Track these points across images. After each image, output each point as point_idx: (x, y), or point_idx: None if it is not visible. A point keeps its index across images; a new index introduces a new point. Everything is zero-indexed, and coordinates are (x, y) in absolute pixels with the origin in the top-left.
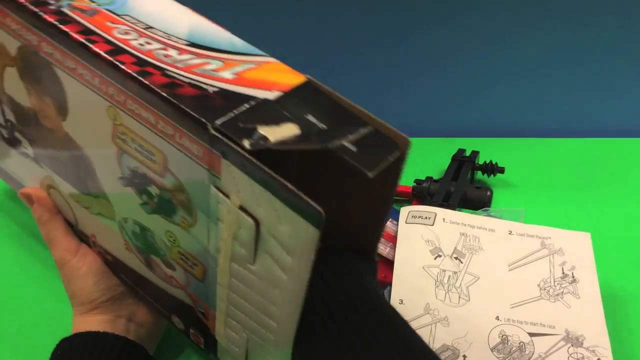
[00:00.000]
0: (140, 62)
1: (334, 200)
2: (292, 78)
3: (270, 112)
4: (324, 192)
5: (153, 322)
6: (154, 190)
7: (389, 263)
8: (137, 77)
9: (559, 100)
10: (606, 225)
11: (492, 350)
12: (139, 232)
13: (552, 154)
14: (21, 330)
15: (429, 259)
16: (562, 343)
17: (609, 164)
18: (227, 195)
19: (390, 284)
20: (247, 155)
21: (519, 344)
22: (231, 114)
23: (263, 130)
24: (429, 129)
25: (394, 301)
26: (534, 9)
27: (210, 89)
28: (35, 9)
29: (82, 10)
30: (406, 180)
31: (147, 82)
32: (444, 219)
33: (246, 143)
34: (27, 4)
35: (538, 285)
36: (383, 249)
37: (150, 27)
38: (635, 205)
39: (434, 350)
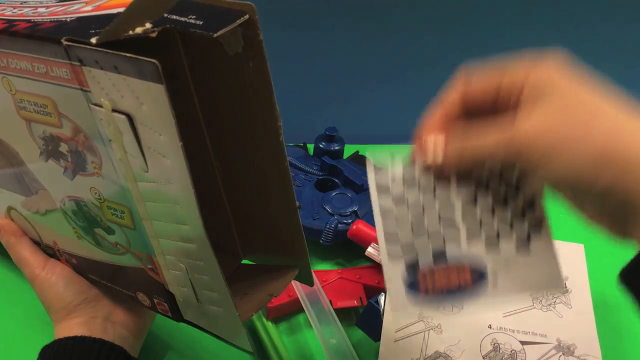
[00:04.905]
0: (9, 21)
1: None
2: None
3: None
4: None
5: (133, 321)
6: (64, 148)
7: None
8: (5, 30)
9: None
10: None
11: (484, 358)
12: (76, 208)
13: None
14: (16, 334)
15: None
16: (554, 352)
17: None
18: (101, 106)
19: (384, 291)
20: (95, 48)
21: (511, 352)
22: (83, 29)
23: (111, 26)
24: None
25: (388, 308)
26: (527, 16)
27: (68, 19)
28: None
29: None
30: None
31: (12, 31)
32: None
33: (93, 39)
34: None
35: (531, 294)
36: (377, 254)
37: (25, 2)
38: None
39: (426, 357)
